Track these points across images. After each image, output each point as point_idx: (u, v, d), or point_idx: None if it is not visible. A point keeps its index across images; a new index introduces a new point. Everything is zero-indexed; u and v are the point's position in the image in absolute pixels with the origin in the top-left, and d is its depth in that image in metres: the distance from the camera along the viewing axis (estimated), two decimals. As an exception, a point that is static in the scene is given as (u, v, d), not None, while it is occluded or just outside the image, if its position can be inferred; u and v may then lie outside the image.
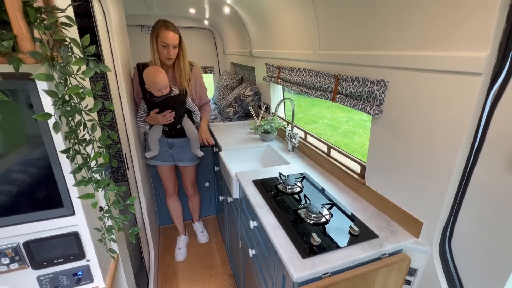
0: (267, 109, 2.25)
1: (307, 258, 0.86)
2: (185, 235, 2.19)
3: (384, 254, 0.92)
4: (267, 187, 1.29)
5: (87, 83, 0.77)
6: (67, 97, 0.59)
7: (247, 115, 2.49)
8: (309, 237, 0.94)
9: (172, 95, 1.58)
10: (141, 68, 1.58)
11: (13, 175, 0.64)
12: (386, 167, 1.06)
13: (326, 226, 1.02)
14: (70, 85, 0.58)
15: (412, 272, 0.99)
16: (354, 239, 0.95)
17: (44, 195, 0.68)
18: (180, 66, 1.62)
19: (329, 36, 1.25)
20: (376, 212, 1.11)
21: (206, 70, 3.61)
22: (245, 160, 1.87)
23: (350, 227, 0.99)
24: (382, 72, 0.97)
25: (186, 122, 1.72)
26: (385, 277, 0.93)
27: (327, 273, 0.85)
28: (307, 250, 0.89)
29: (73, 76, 0.58)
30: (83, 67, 0.60)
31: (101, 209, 0.85)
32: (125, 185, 0.89)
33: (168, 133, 1.73)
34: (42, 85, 0.57)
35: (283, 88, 2.12)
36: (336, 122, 5.81)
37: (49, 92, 0.55)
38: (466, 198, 0.82)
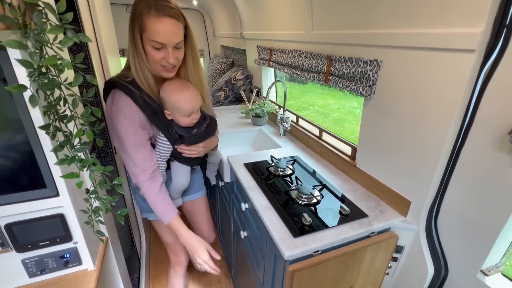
0: (259, 93, 2.21)
1: (298, 237, 0.87)
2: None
3: (373, 232, 0.95)
4: (258, 170, 1.29)
5: (66, 55, 0.71)
6: (44, 69, 0.55)
7: (238, 100, 2.45)
8: (300, 217, 0.95)
9: (206, 126, 1.04)
10: (122, 88, 0.86)
11: (-12, 154, 0.60)
12: (377, 149, 1.06)
13: (317, 206, 1.03)
14: (46, 56, 0.54)
15: (399, 249, 1.02)
16: (344, 218, 0.96)
17: (24, 175, 0.64)
18: (191, 74, 0.97)
19: (323, 15, 1.22)
20: (366, 193, 1.13)
21: (196, 53, 3.50)
22: (237, 145, 1.85)
23: (341, 207, 1.01)
24: (375, 52, 0.96)
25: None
26: (373, 254, 0.95)
27: (318, 251, 0.86)
28: (298, 229, 0.90)
29: (49, 45, 0.54)
30: (61, 37, 0.55)
31: (88, 191, 0.82)
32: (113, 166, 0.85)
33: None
34: (14, 54, 0.53)
35: (275, 71, 2.09)
36: (327, 109, 5.83)
37: (22, 62, 0.50)
38: (453, 177, 0.84)
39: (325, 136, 1.46)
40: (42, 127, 0.56)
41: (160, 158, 0.97)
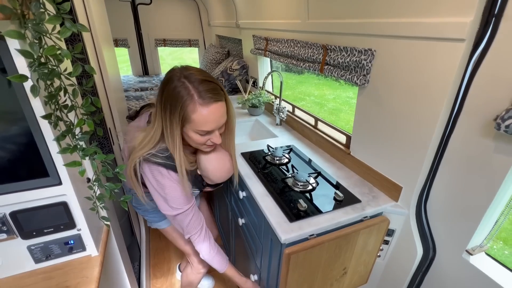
0: (255, 83, 2.22)
1: (294, 222, 0.91)
2: None
3: (366, 216, 0.99)
4: (255, 159, 1.31)
5: (62, 46, 0.72)
6: (43, 59, 0.56)
7: (234, 90, 2.44)
8: (296, 203, 0.99)
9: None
10: (171, 168, 0.85)
11: (-9, 144, 0.61)
12: (370, 137, 1.09)
13: (313, 193, 1.06)
14: (45, 46, 0.55)
15: (390, 232, 1.07)
16: (339, 204, 1.00)
17: (27, 164, 0.66)
18: (224, 142, 0.97)
19: (318, 4, 1.22)
20: (360, 179, 1.17)
21: (191, 43, 3.46)
22: (233, 135, 1.87)
23: (335, 193, 1.04)
24: (369, 41, 0.97)
25: None
26: (365, 238, 1.00)
27: (312, 234, 0.90)
28: (294, 214, 0.94)
29: (48, 35, 0.54)
30: (58, 28, 0.56)
31: (89, 180, 0.84)
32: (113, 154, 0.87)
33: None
34: (14, 45, 0.53)
35: (271, 61, 2.09)
36: (323, 99, 5.84)
37: (23, 52, 0.51)
38: (442, 163, 0.87)
39: (320, 126, 1.49)
40: (44, 117, 0.57)
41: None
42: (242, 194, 1.23)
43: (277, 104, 1.73)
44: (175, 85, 0.73)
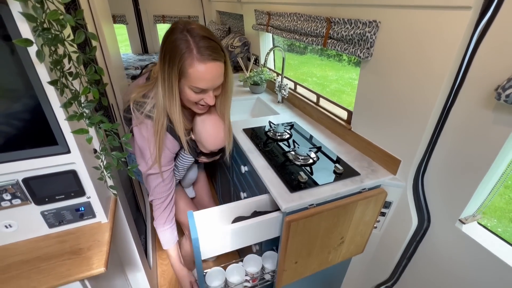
0: (257, 61, 2.18)
1: (295, 192, 0.94)
2: None
3: (364, 188, 1.02)
4: (257, 134, 1.33)
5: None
6: (46, 25, 0.56)
7: (235, 68, 2.41)
8: (297, 176, 1.01)
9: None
10: (168, 125, 0.88)
11: None
12: (371, 112, 1.10)
13: (313, 166, 1.09)
14: (47, 11, 0.54)
15: (387, 205, 1.11)
16: (338, 176, 1.03)
17: (36, 132, 0.68)
18: (218, 105, 0.97)
19: (323, -26, 1.17)
20: (360, 154, 1.19)
21: (191, 20, 3.35)
22: (235, 113, 1.87)
23: (335, 167, 1.07)
24: (374, 12, 0.95)
25: None
26: (363, 209, 1.03)
27: (312, 204, 0.94)
28: (295, 186, 0.97)
29: (49, 0, 0.54)
30: (59, -8, 0.55)
31: (95, 151, 0.86)
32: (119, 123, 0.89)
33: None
34: (16, 8, 0.53)
35: (273, 38, 2.04)
36: (326, 80, 5.75)
37: (26, 15, 0.51)
38: (441, 136, 0.89)
39: (322, 102, 1.49)
40: (51, 82, 0.58)
41: (182, 168, 1.13)
42: (244, 169, 1.26)
43: (279, 82, 1.72)
44: (176, 37, 0.73)
